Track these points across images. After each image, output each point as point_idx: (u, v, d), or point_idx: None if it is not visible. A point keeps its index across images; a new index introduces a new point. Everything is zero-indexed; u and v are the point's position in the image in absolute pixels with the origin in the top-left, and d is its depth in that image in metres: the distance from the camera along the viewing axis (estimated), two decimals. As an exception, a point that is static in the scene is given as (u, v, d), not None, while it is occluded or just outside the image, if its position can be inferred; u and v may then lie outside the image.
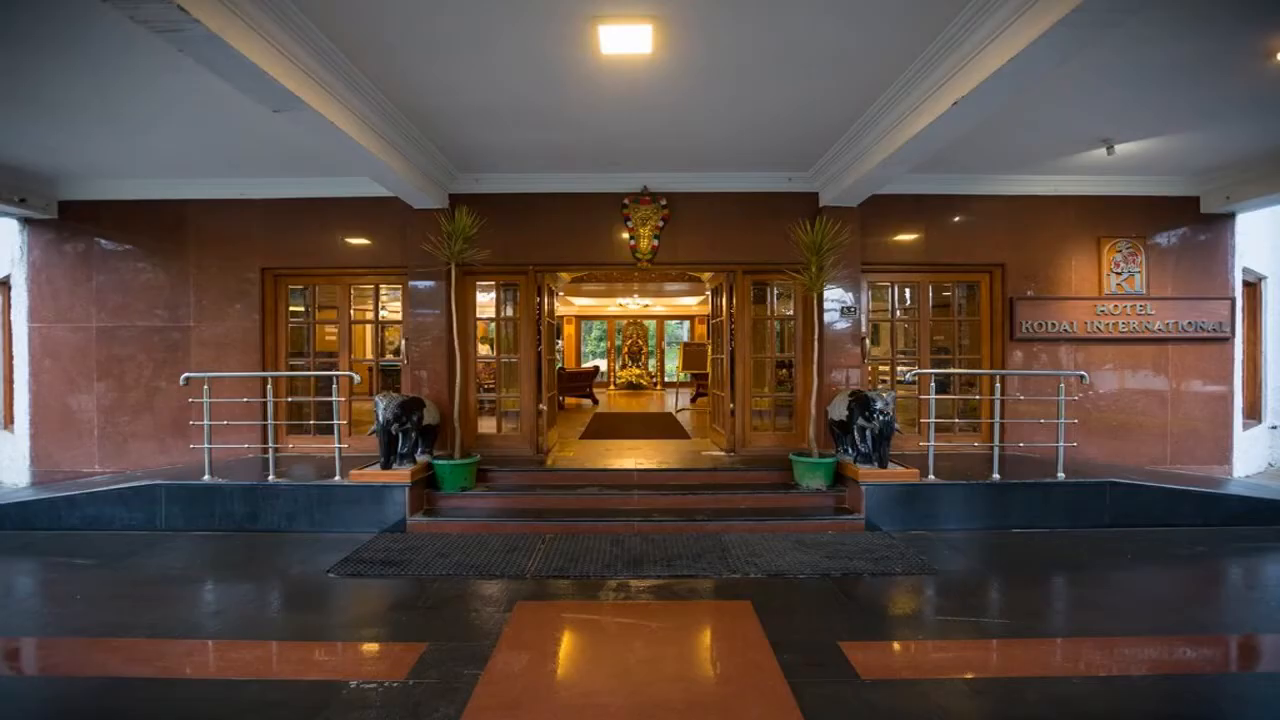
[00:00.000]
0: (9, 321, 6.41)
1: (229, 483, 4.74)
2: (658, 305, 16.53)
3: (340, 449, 4.91)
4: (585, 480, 5.29)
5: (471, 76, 3.85)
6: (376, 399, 4.78)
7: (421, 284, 5.79)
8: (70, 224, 6.02)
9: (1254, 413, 7.19)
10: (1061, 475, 4.80)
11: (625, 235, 5.90)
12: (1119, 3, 2.56)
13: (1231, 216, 6.09)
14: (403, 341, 6.07)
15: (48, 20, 3.21)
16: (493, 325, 6.34)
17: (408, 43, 3.47)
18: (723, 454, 6.11)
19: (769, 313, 6.24)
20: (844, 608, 3.28)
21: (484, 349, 6.96)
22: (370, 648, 2.87)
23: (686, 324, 18.01)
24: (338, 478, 4.78)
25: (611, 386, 16.51)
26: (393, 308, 7.16)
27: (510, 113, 4.40)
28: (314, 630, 3.06)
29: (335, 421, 4.97)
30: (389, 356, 7.00)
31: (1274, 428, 7.29)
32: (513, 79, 3.89)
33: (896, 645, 2.89)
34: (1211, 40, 3.46)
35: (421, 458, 5.11)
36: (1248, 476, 6.38)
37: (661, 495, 5.00)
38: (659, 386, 16.54)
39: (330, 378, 5.32)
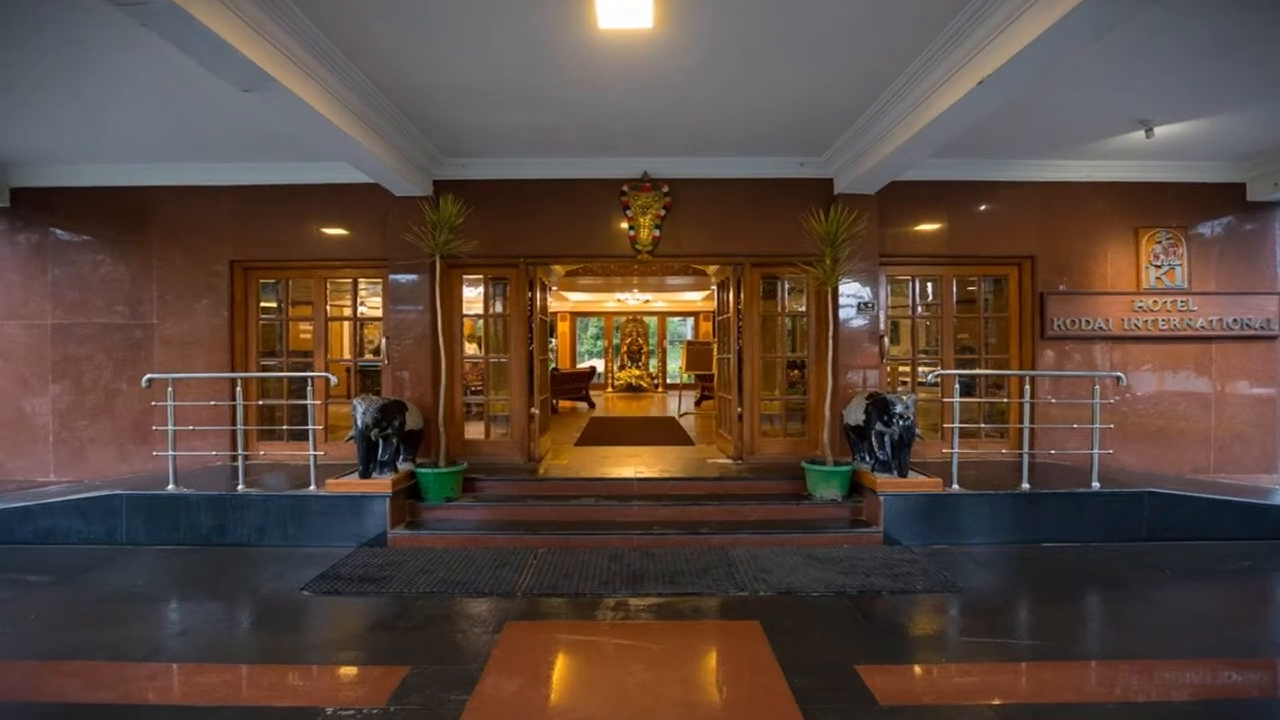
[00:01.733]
0: (-43, 318, 6.41)
1: (195, 493, 4.74)
2: (659, 301, 16.53)
3: (315, 456, 4.90)
4: (581, 490, 5.30)
5: (458, 52, 3.86)
6: (355, 402, 4.78)
7: (403, 278, 5.79)
8: (23, 213, 6.02)
9: (1304, 417, 7.19)
10: (1096, 484, 4.81)
11: (624, 225, 5.90)
12: (1158, -27, 2.56)
13: (1280, 205, 6.10)
14: (383, 340, 6.07)
15: (-1, -8, 3.21)
16: (480, 322, 6.35)
17: (388, 16, 3.48)
18: (729, 462, 6.12)
19: (779, 309, 6.24)
20: (860, 628, 3.29)
21: (471, 348, 6.96)
22: (348, 671, 2.87)
23: (690, 321, 18.00)
24: (313, 487, 4.78)
25: (609, 389, 16.52)
26: (372, 303, 7.16)
27: (500, 92, 4.40)
28: (287, 652, 3.06)
29: (310, 426, 4.97)
30: (368, 356, 6.99)
31: (1326, 433, 7.28)
32: (503, 55, 3.89)
33: (917, 669, 2.89)
34: (1257, 12, 3.46)
35: (403, 466, 5.11)
36: (1298, 486, 6.38)
37: (663, 506, 5.00)
38: (660, 389, 16.55)
39: (305, 379, 5.32)
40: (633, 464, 6.07)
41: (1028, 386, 5.10)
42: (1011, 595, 3.78)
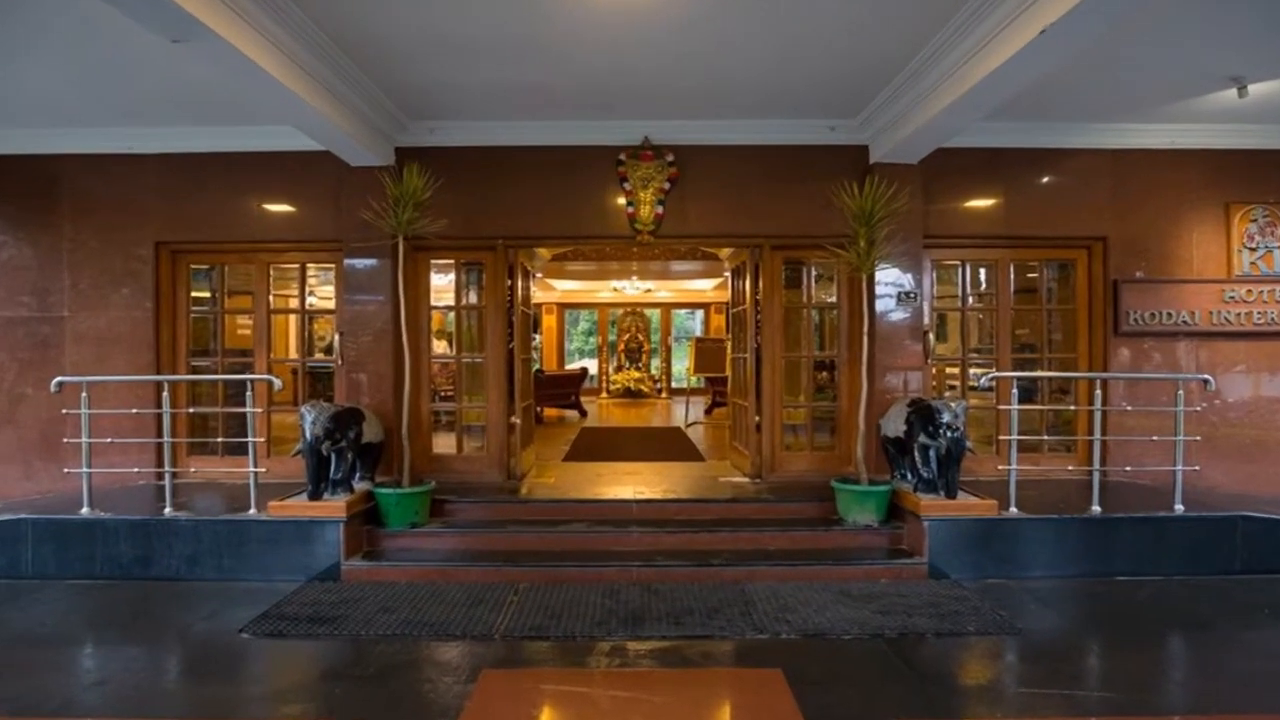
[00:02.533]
0: None
1: (114, 517, 4.74)
2: (663, 290, 16.52)
3: (256, 474, 4.90)
4: (570, 514, 5.30)
5: (425, -3, 3.86)
6: (303, 410, 4.78)
7: (360, 262, 5.78)
8: (-89, 186, 6.03)
9: None
10: (1179, 507, 4.81)
11: (621, 200, 5.90)
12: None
13: (1397, 176, 6.09)
14: (336, 336, 6.07)
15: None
16: (452, 316, 6.36)
17: (343, -46, 3.48)
18: (746, 480, 6.12)
19: (805, 299, 6.24)
20: (901, 677, 3.28)
21: (441, 346, 6.98)
22: (295, 728, 2.87)
23: (699, 314, 18.00)
24: (253, 511, 4.78)
25: (603, 394, 16.53)
26: (324, 293, 7.16)
27: (477, 43, 4.39)
28: (223, 705, 3.05)
29: (250, 439, 4.96)
30: (319, 356, 6.99)
31: None
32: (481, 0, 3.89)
33: (968, 725, 2.89)
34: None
35: (360, 485, 5.11)
36: None
37: (668, 533, 5.01)
38: (664, 394, 16.57)
39: (244, 383, 5.32)
40: (631, 483, 6.07)
41: (1098, 391, 5.10)
42: (1079, 638, 3.78)
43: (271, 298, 6.29)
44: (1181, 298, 6.04)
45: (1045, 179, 6.10)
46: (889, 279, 5.78)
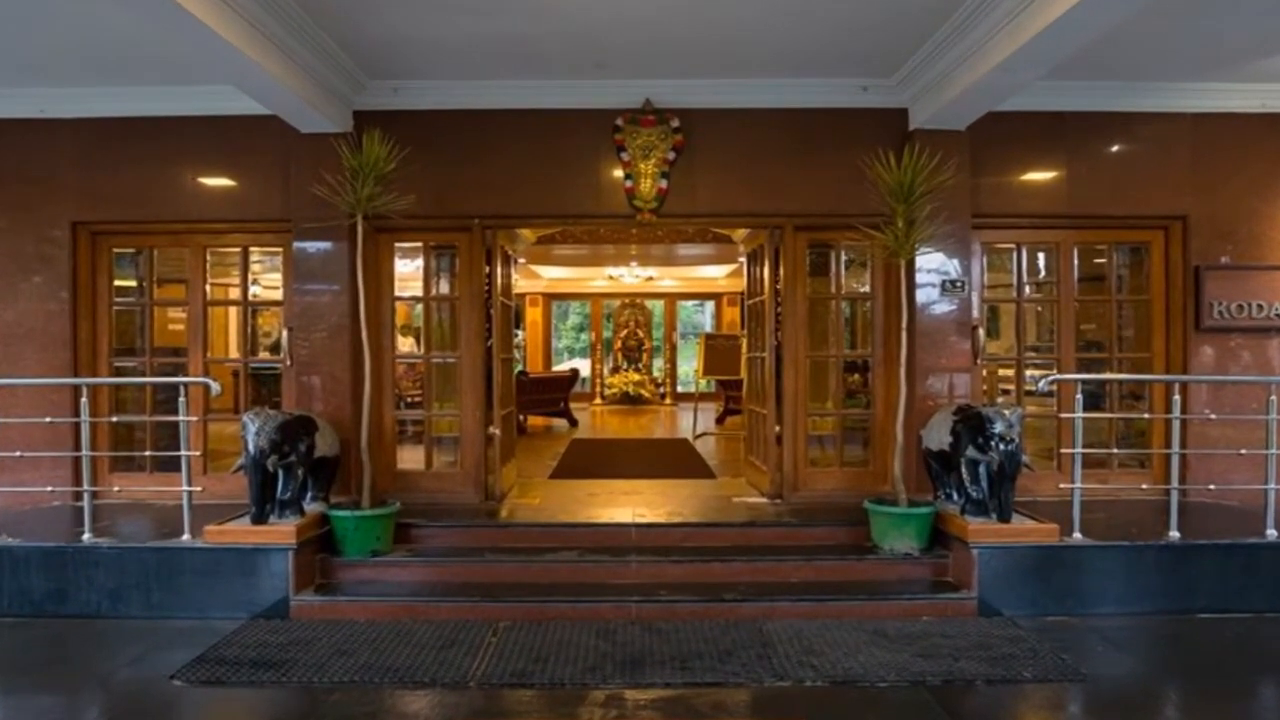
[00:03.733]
0: None
1: (24, 544, 4.73)
2: (667, 279, 16.52)
3: (190, 494, 4.90)
4: (558, 540, 5.30)
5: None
6: (245, 419, 4.78)
7: (312, 246, 5.79)
8: None
9: None
10: (1272, 532, 4.80)
11: (618, 173, 5.90)
12: None
13: None
14: (284, 333, 6.06)
15: None
16: (419, 308, 6.35)
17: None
18: (764, 501, 6.13)
19: (834, 289, 6.25)
20: (946, 732, 3.28)
21: (407, 343, 6.97)
22: (235, 792, 2.87)
23: (709, 306, 18.02)
24: (187, 537, 4.77)
25: (597, 399, 16.55)
26: (269, 281, 7.16)
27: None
28: (151, 766, 3.05)
29: (184, 453, 4.96)
30: (264, 355, 6.99)
31: None
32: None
33: (1025, 788, 2.89)
34: None
35: (313, 507, 5.11)
36: None
37: (672, 563, 5.01)
38: (668, 399, 16.59)
39: (176, 386, 5.32)
40: (630, 504, 6.07)
41: (1177, 397, 5.09)
42: (1155, 686, 3.78)
43: (209, 287, 6.29)
44: (1275, 287, 6.03)
45: (1115, 148, 6.10)
46: (932, 265, 5.77)
